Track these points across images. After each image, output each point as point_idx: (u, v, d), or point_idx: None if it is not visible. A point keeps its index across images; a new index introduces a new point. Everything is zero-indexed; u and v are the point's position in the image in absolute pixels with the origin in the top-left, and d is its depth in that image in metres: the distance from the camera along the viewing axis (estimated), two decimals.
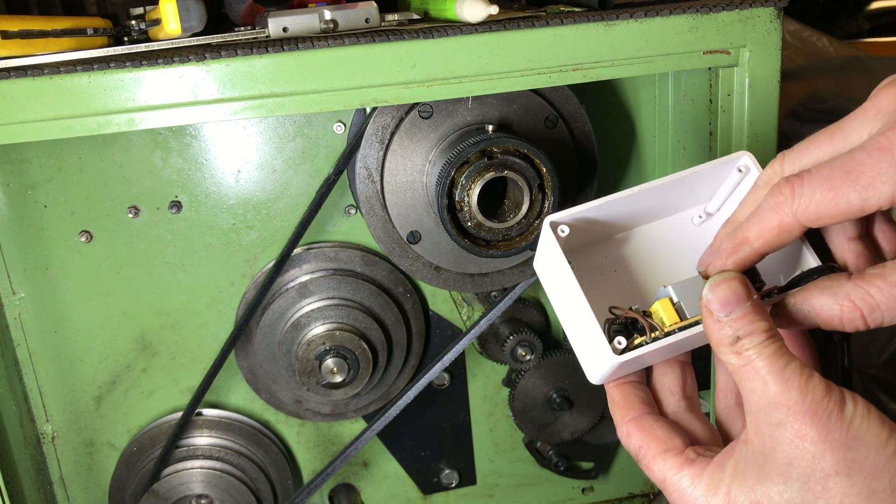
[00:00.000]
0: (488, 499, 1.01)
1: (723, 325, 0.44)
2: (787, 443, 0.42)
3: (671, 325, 0.48)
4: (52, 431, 0.87)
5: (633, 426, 0.50)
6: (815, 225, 0.45)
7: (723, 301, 0.45)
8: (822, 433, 0.41)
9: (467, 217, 0.69)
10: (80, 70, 0.61)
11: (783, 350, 0.44)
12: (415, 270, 0.80)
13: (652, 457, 0.48)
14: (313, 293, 0.84)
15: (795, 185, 0.45)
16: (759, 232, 0.47)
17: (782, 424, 0.42)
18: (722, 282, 0.45)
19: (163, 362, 0.87)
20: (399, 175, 0.76)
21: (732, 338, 0.44)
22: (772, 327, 0.44)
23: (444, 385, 0.94)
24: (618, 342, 0.48)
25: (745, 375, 0.44)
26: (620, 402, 0.51)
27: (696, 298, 0.48)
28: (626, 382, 0.52)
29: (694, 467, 0.46)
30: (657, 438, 0.48)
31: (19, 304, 0.82)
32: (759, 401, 0.43)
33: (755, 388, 0.43)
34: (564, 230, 0.51)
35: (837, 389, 0.43)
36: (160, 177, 0.80)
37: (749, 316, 0.44)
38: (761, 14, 0.69)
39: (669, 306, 0.48)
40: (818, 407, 0.41)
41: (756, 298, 0.45)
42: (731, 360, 0.44)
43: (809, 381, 0.42)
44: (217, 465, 0.88)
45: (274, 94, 0.64)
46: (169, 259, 0.83)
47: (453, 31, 0.65)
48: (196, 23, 0.67)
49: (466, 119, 0.74)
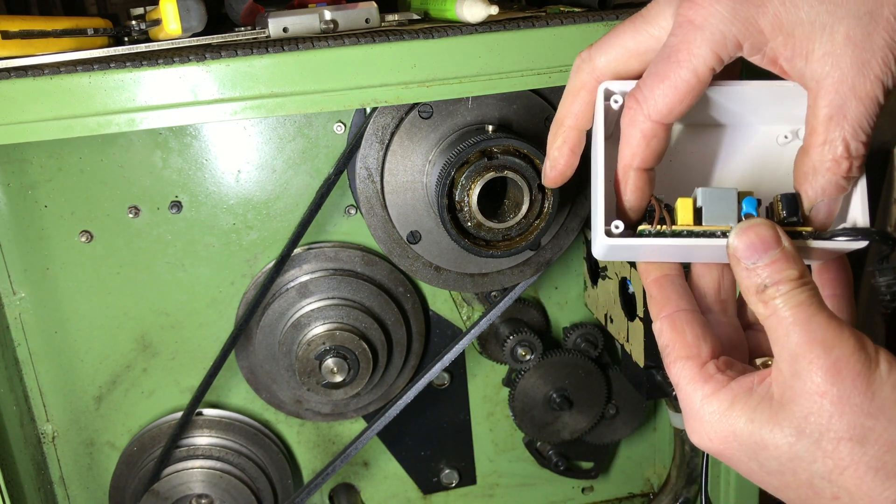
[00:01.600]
0: (488, 499, 1.01)
1: (750, 272, 0.43)
2: (806, 397, 0.41)
3: (681, 225, 0.46)
4: (53, 431, 0.87)
5: (666, 322, 0.48)
6: (673, 117, 0.46)
7: (749, 248, 0.43)
8: (843, 394, 0.40)
9: (467, 217, 0.69)
10: (81, 70, 0.61)
11: (813, 299, 0.42)
12: (415, 270, 0.80)
13: (673, 359, 0.47)
14: (313, 293, 0.84)
15: (637, 95, 0.46)
16: (631, 153, 0.47)
17: (802, 377, 0.41)
18: (749, 228, 0.44)
19: (163, 362, 0.87)
20: (399, 175, 0.76)
21: (760, 286, 0.43)
22: (802, 274, 0.43)
23: (444, 385, 0.94)
24: (615, 226, 0.46)
25: (771, 325, 0.42)
26: (657, 297, 0.50)
27: (719, 208, 0.46)
28: (664, 276, 0.50)
29: (708, 385, 0.45)
30: (684, 342, 0.47)
31: (19, 304, 0.82)
32: (782, 351, 0.42)
33: (779, 338, 0.42)
34: (618, 101, 0.49)
35: (873, 348, 0.41)
36: (160, 177, 0.80)
37: (778, 263, 0.43)
38: None
39: (689, 207, 0.46)
40: (843, 365, 0.40)
41: (786, 246, 0.43)
42: (759, 309, 0.43)
43: (839, 335, 0.41)
44: (217, 464, 0.88)
45: (274, 95, 0.64)
46: (169, 259, 0.83)
47: (453, 32, 0.65)
48: (196, 23, 0.67)
49: (466, 119, 0.74)
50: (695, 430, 0.45)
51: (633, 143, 0.47)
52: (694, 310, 0.49)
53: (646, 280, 0.51)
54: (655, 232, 0.46)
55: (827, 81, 0.43)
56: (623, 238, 0.46)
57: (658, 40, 0.47)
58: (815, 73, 0.43)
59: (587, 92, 0.50)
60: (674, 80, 0.45)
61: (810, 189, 0.45)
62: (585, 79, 0.50)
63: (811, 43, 0.43)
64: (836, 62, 0.42)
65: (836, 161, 0.44)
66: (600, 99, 0.49)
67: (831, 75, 0.43)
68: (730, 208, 0.46)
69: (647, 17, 0.48)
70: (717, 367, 0.46)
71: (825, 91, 0.43)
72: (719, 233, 0.46)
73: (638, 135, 0.47)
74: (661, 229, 0.46)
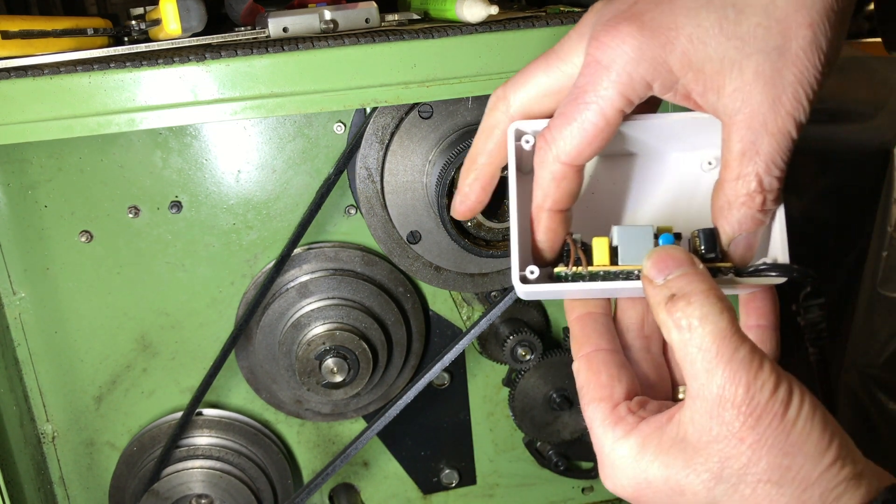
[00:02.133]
0: (488, 499, 1.01)
1: (660, 287, 0.42)
2: (724, 441, 0.40)
3: (597, 266, 0.45)
4: (53, 431, 0.87)
5: (583, 363, 0.48)
6: (582, 158, 0.45)
7: (658, 264, 0.43)
8: (761, 438, 0.39)
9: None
10: (81, 70, 0.61)
11: (733, 328, 0.40)
12: (415, 270, 0.80)
13: (588, 401, 0.46)
14: (313, 293, 0.84)
15: (546, 136, 0.45)
16: (542, 194, 0.46)
17: (723, 423, 0.39)
18: (660, 249, 0.43)
19: (163, 362, 0.87)
20: (399, 175, 0.76)
21: (668, 296, 0.41)
22: (715, 289, 0.41)
23: (444, 385, 0.94)
24: (530, 271, 0.45)
25: (686, 355, 0.41)
26: (578, 336, 0.49)
27: (635, 247, 0.45)
28: (587, 314, 0.50)
29: (619, 428, 0.44)
30: (598, 383, 0.46)
31: (19, 304, 0.82)
32: (700, 390, 0.40)
33: (697, 374, 0.40)
34: (529, 141, 0.48)
35: (786, 383, 0.40)
36: (160, 177, 0.80)
37: (689, 276, 0.42)
38: None
39: (605, 247, 0.45)
40: (763, 410, 0.39)
41: (700, 266, 0.42)
42: (672, 332, 0.41)
43: (759, 375, 0.39)
44: (217, 464, 0.88)
45: (274, 94, 0.64)
46: (169, 259, 0.83)
47: (453, 31, 0.65)
48: (196, 23, 0.67)
49: (466, 119, 0.74)
50: (607, 475, 0.45)
51: (543, 185, 0.46)
52: (613, 349, 0.49)
53: (569, 317, 0.51)
54: (572, 274, 0.45)
55: (738, 117, 0.42)
56: (539, 285, 0.46)
57: (570, 77, 0.46)
58: (728, 108, 0.43)
59: (500, 131, 0.49)
60: (581, 123, 0.44)
61: (727, 224, 0.45)
62: (499, 117, 0.49)
63: (721, 78, 0.42)
64: (746, 98, 0.42)
65: (751, 196, 0.44)
66: (511, 139, 0.48)
67: (742, 111, 0.42)
68: (646, 246, 0.45)
69: (559, 53, 0.47)
70: (629, 408, 0.45)
71: (737, 126, 0.43)
72: (636, 273, 0.45)
73: (548, 176, 0.46)
74: (577, 271, 0.45)
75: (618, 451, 0.44)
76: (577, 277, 0.45)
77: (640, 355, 0.51)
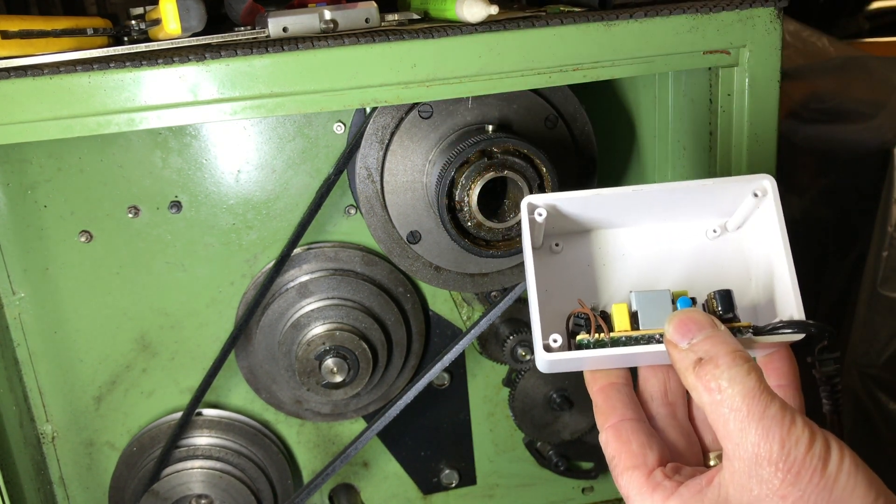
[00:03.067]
0: (488, 499, 1.01)
1: (685, 352, 0.42)
2: (765, 501, 0.39)
3: (619, 332, 0.45)
4: (52, 431, 0.87)
5: (611, 433, 0.48)
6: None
7: (680, 327, 0.43)
8: (803, 494, 0.39)
9: (467, 217, 0.69)
10: (80, 70, 0.61)
11: (761, 386, 0.40)
12: (415, 270, 0.80)
13: (621, 471, 0.46)
14: (313, 293, 0.84)
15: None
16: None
17: (762, 481, 0.39)
18: (680, 312, 0.44)
19: (163, 362, 0.87)
20: (399, 175, 0.76)
21: (695, 361, 0.41)
22: (740, 350, 0.41)
23: (444, 385, 0.94)
24: (553, 339, 0.45)
25: (719, 417, 0.40)
26: (602, 407, 0.49)
27: (654, 311, 0.45)
28: (609, 385, 0.50)
29: (657, 493, 0.44)
30: (630, 451, 0.46)
31: (19, 304, 0.82)
32: (736, 450, 0.40)
33: (731, 434, 0.40)
34: (542, 214, 0.48)
35: (822, 437, 0.40)
36: (160, 177, 0.80)
37: (713, 339, 0.42)
38: (761, 14, 0.69)
39: (625, 313, 0.46)
40: (802, 465, 0.39)
41: (721, 328, 0.43)
42: (702, 395, 0.41)
43: (792, 431, 0.39)
44: (217, 465, 0.88)
45: (274, 94, 0.64)
46: (169, 259, 0.83)
47: (453, 31, 0.65)
48: (196, 23, 0.67)
49: (466, 119, 0.74)
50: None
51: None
52: (639, 418, 0.48)
53: (591, 389, 0.50)
54: (595, 342, 0.45)
55: None
56: (562, 353, 0.46)
57: None
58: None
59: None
60: None
61: None
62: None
63: None
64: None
65: None
66: (525, 213, 0.48)
67: None
68: (665, 310, 0.46)
69: None
70: (665, 474, 0.45)
71: None
72: (658, 336, 0.45)
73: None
74: (599, 338, 0.45)
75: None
76: (599, 344, 0.45)
77: (667, 422, 0.50)
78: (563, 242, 0.51)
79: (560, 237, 0.51)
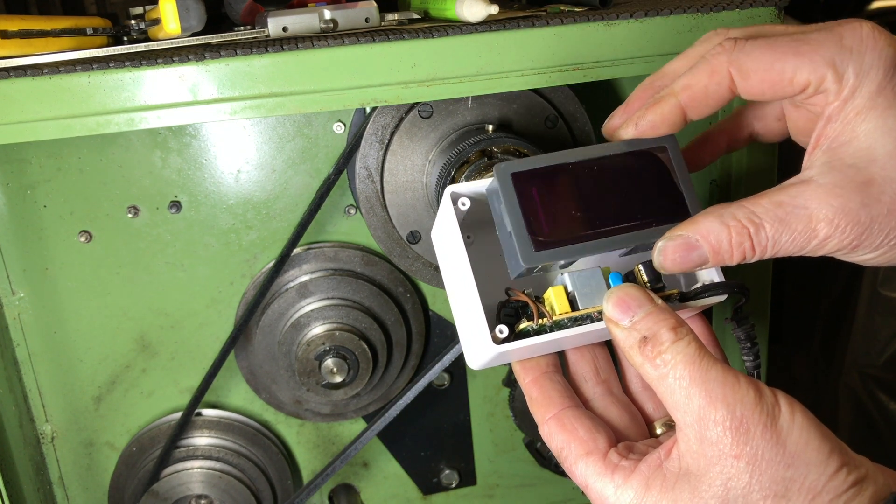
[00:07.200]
0: (488, 499, 1.01)
1: (628, 331, 0.42)
2: (720, 462, 0.39)
3: (561, 315, 0.45)
4: (52, 431, 0.87)
5: (554, 424, 0.47)
6: (745, 86, 0.43)
7: (620, 305, 0.43)
8: (756, 451, 0.39)
9: None
10: (80, 70, 0.61)
11: (701, 351, 0.41)
12: (415, 270, 0.80)
13: (574, 459, 0.45)
14: (313, 293, 0.84)
15: (738, 41, 0.43)
16: (686, 81, 0.43)
17: (713, 443, 0.39)
18: (617, 289, 0.43)
19: (162, 362, 0.87)
20: (399, 175, 0.75)
21: (640, 340, 0.42)
22: (681, 322, 0.42)
23: (444, 385, 0.94)
24: (499, 331, 0.45)
25: (667, 388, 0.41)
26: (539, 399, 0.48)
27: (590, 291, 0.45)
28: (542, 375, 0.49)
29: (617, 475, 0.43)
30: (579, 439, 0.46)
31: (19, 304, 0.82)
32: (684, 417, 0.40)
33: (678, 403, 0.40)
34: (465, 203, 0.47)
35: (770, 394, 0.40)
36: (160, 177, 0.80)
37: (653, 315, 0.42)
38: (761, 14, 0.68)
39: (563, 295, 0.45)
40: (749, 421, 0.39)
41: (658, 301, 0.43)
42: (647, 371, 0.41)
43: (736, 389, 0.39)
44: (217, 465, 0.88)
45: (274, 94, 0.64)
46: (168, 259, 0.83)
47: (453, 31, 0.65)
48: (196, 22, 0.66)
49: (466, 119, 0.74)
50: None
51: (695, 74, 0.44)
52: (577, 405, 0.48)
53: (523, 381, 0.50)
54: (538, 328, 0.45)
55: None
56: (511, 343, 0.45)
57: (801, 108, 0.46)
58: None
59: (708, 74, 0.44)
60: (777, 61, 0.42)
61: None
62: (717, 63, 0.44)
63: None
64: None
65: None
66: (448, 203, 0.47)
67: None
68: (599, 287, 0.46)
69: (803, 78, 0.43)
70: (620, 454, 0.44)
71: None
72: (596, 314, 0.46)
73: (706, 70, 0.44)
74: (542, 323, 0.45)
75: (623, 498, 0.43)
76: (541, 330, 0.45)
77: (605, 401, 0.50)
78: (474, 235, 0.50)
79: (471, 229, 0.50)
